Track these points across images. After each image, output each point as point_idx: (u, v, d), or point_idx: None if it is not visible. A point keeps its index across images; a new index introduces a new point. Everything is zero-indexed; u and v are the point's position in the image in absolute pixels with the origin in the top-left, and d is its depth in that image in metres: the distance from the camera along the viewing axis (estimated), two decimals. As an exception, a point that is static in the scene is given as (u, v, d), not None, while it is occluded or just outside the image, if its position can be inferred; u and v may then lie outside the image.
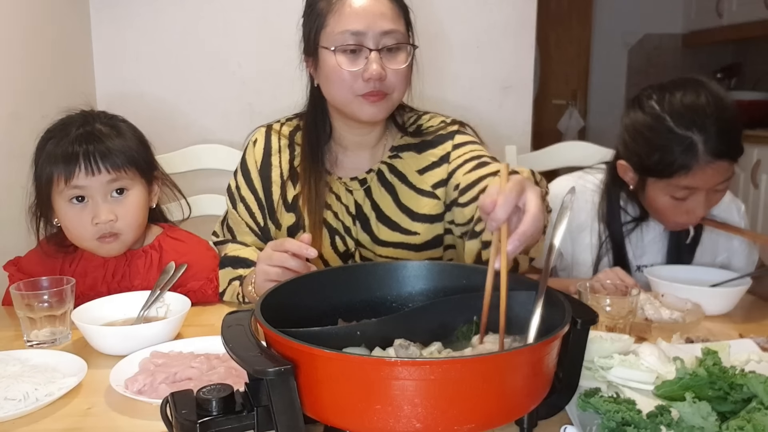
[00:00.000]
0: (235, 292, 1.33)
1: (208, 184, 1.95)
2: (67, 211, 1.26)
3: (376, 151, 1.44)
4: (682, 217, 1.35)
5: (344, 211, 1.41)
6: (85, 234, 1.26)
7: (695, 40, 4.19)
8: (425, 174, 1.41)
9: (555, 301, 0.79)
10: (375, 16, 1.25)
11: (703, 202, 1.31)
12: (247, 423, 0.68)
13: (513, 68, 2.48)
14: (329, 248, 1.40)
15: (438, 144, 1.41)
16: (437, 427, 0.64)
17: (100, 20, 2.32)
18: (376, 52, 1.26)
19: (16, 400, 0.88)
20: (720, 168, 1.27)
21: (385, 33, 1.26)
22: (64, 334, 1.13)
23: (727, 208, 1.48)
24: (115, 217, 1.26)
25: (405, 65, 1.29)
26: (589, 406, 0.79)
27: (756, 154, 3.02)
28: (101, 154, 1.24)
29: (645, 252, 1.48)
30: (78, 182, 1.23)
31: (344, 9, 1.26)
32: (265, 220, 1.43)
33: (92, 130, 1.27)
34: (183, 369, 0.94)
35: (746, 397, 0.77)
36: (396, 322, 0.86)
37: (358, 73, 1.27)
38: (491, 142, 2.43)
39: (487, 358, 0.68)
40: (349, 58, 1.27)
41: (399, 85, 1.31)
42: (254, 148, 1.45)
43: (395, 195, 1.41)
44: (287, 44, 2.48)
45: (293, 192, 1.41)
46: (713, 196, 1.33)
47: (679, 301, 1.20)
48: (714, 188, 1.31)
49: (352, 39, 1.25)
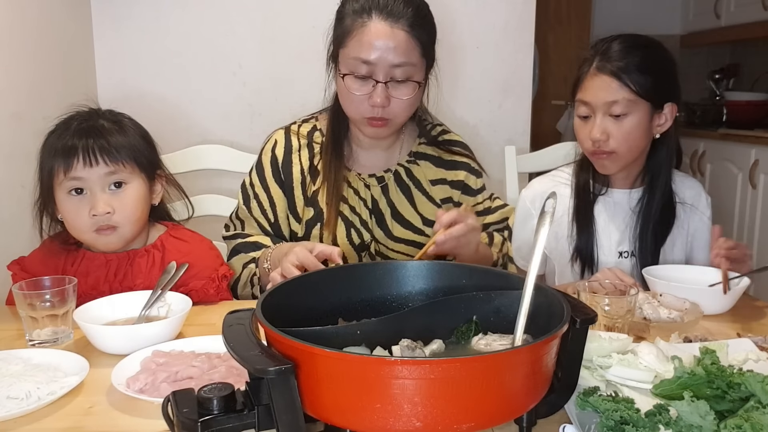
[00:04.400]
0: (250, 274, 1.41)
1: (209, 184, 1.96)
2: (67, 203, 1.28)
3: (392, 151, 1.53)
4: (588, 142, 1.43)
5: (362, 205, 1.49)
6: (83, 225, 1.28)
7: (693, 41, 4.19)
8: (437, 186, 1.52)
9: (554, 301, 0.79)
10: (388, 49, 1.31)
11: (597, 122, 1.40)
12: (248, 422, 0.69)
13: (512, 69, 2.48)
14: (345, 240, 1.48)
15: (452, 168, 1.54)
16: (437, 425, 0.65)
17: (102, 21, 2.33)
18: (382, 84, 1.33)
19: (19, 399, 0.88)
20: (605, 83, 1.38)
21: (394, 66, 1.33)
22: (66, 333, 1.13)
23: (696, 194, 1.55)
24: (112, 210, 1.27)
25: (409, 97, 1.36)
26: (587, 405, 0.79)
27: (754, 155, 3.03)
28: (100, 147, 1.26)
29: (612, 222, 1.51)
30: (76, 173, 1.25)
31: (363, 36, 1.32)
32: (276, 217, 1.51)
33: (94, 124, 1.29)
34: (184, 368, 0.94)
35: (744, 396, 0.78)
36: (396, 322, 0.86)
37: (365, 98, 1.35)
38: (491, 142, 2.46)
39: (486, 358, 0.68)
40: (359, 82, 1.35)
41: (402, 113, 1.39)
42: (274, 148, 1.52)
43: (410, 197, 1.51)
44: (288, 45, 2.49)
45: (313, 188, 1.49)
46: (610, 123, 1.40)
47: (678, 300, 1.21)
48: (608, 111, 1.39)
49: (363, 68, 1.33)
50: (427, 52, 1.37)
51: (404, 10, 1.32)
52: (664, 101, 1.42)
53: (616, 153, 1.41)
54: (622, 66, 1.37)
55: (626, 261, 1.50)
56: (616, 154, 1.42)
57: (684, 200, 1.52)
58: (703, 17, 3.97)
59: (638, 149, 1.44)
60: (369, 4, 1.33)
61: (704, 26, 3.98)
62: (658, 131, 1.44)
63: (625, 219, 1.51)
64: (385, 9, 1.32)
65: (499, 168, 1.93)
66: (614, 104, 1.38)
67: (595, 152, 1.43)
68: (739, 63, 4.08)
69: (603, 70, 1.38)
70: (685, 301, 1.20)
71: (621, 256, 1.50)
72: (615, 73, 1.37)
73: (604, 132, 1.39)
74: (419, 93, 1.39)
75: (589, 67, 1.41)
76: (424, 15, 1.36)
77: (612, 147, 1.40)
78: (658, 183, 1.48)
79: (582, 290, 1.11)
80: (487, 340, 0.86)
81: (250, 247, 1.46)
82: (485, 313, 0.90)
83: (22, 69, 1.85)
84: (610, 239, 1.51)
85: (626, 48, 1.39)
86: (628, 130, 1.39)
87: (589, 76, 1.41)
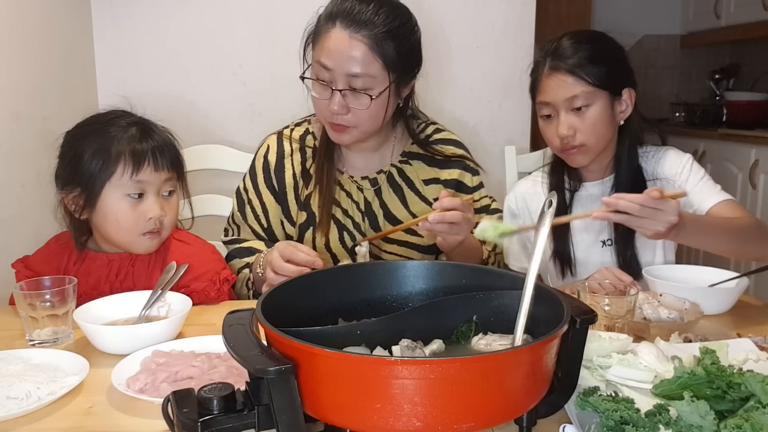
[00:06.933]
0: (245, 279, 1.42)
1: (209, 184, 1.96)
2: (122, 204, 1.28)
3: (384, 153, 1.51)
4: (556, 140, 1.45)
5: (354, 208, 1.48)
6: (135, 228, 1.29)
7: (693, 41, 4.19)
8: (429, 186, 1.51)
9: (554, 301, 0.79)
10: (345, 58, 1.29)
11: (561, 119, 1.43)
12: (248, 422, 0.69)
13: (512, 69, 2.48)
14: (337, 243, 1.47)
15: (445, 166, 1.53)
16: (437, 425, 0.65)
17: (102, 21, 2.32)
18: (338, 92, 1.31)
19: (19, 399, 0.88)
20: (559, 81, 1.41)
21: (352, 75, 1.31)
22: (66, 333, 1.14)
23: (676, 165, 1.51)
24: (165, 213, 1.31)
25: (367, 108, 1.33)
26: (587, 405, 0.79)
27: (754, 155, 3.03)
28: (165, 153, 1.30)
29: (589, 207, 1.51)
30: (143, 177, 1.27)
31: (325, 42, 1.32)
32: (269, 222, 1.51)
33: (151, 128, 1.32)
34: (184, 368, 0.94)
35: (744, 396, 0.78)
36: (396, 322, 0.87)
37: (326, 103, 1.34)
38: (491, 142, 2.46)
39: (486, 358, 0.68)
40: (320, 87, 1.34)
41: (362, 122, 1.36)
42: (266, 154, 1.52)
43: (403, 198, 1.49)
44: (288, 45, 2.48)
45: (306, 192, 1.48)
46: (573, 118, 1.42)
47: (678, 300, 1.21)
48: (570, 107, 1.42)
49: (324, 73, 1.32)
50: (392, 64, 1.32)
51: (370, 20, 1.29)
52: (621, 87, 1.45)
53: (586, 145, 1.44)
54: (574, 62, 1.41)
55: (610, 248, 1.51)
56: (585, 146, 1.44)
57: (660, 176, 1.50)
58: (703, 17, 3.97)
59: (606, 138, 1.47)
60: (337, 10, 1.31)
61: (704, 26, 3.98)
62: (621, 117, 1.48)
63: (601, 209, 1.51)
64: (349, 17, 1.29)
65: (499, 168, 1.93)
66: (574, 99, 1.41)
67: (564, 149, 1.46)
68: (739, 63, 4.08)
69: (557, 69, 1.42)
70: (685, 301, 1.20)
71: (604, 245, 1.52)
72: (569, 70, 1.41)
73: (570, 127, 1.42)
74: (379, 105, 1.34)
75: (543, 68, 1.45)
76: (394, 27, 1.31)
77: (580, 140, 1.43)
78: (623, 167, 1.50)
79: (582, 290, 1.12)
80: (487, 340, 0.86)
81: (245, 253, 1.47)
82: (485, 313, 0.90)
83: (22, 69, 1.85)
84: (591, 230, 1.52)
85: (574, 44, 1.43)
86: (593, 121, 1.43)
87: (545, 77, 1.44)
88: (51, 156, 1.35)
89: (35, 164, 1.83)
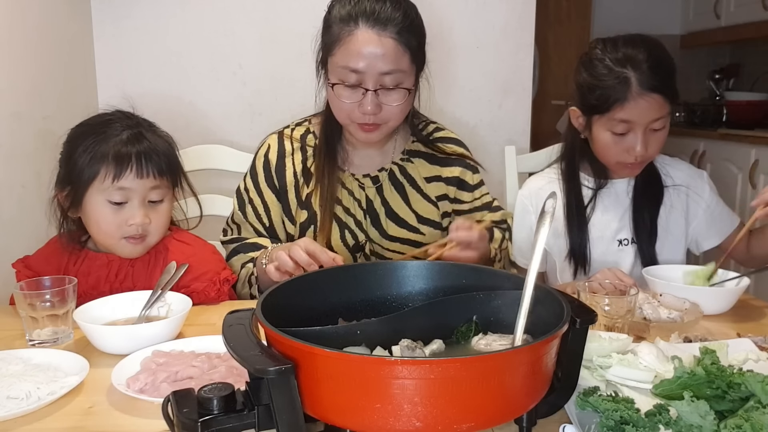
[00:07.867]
0: (249, 273, 1.42)
1: (209, 184, 1.96)
2: (103, 208, 1.26)
3: (386, 151, 1.52)
4: (622, 155, 1.42)
5: (356, 206, 1.48)
6: (117, 233, 1.28)
7: (693, 41, 4.19)
8: (431, 184, 1.52)
9: (554, 301, 0.79)
10: (377, 57, 1.30)
11: (641, 139, 1.39)
12: (248, 422, 0.69)
13: (512, 69, 2.48)
14: (339, 242, 1.48)
15: (446, 164, 1.53)
16: (437, 425, 0.65)
17: (102, 21, 2.32)
18: (372, 92, 1.31)
19: (19, 399, 0.88)
20: (652, 102, 1.36)
21: (384, 74, 1.31)
22: (66, 333, 1.13)
23: (691, 175, 1.57)
24: (149, 220, 1.28)
25: (401, 103, 1.35)
26: (587, 405, 0.79)
27: (754, 155, 3.03)
28: (151, 160, 1.26)
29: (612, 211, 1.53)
30: (125, 183, 1.25)
31: (351, 45, 1.31)
32: (271, 221, 1.51)
33: (142, 132, 1.29)
34: (184, 368, 0.94)
35: (744, 396, 0.78)
36: (396, 322, 0.86)
37: (355, 105, 1.34)
38: (491, 142, 2.46)
39: (486, 358, 0.68)
40: (348, 91, 1.33)
41: (394, 117, 1.37)
42: (267, 153, 1.52)
43: (405, 195, 1.50)
44: (288, 45, 2.49)
45: (306, 191, 1.48)
46: (650, 136, 1.40)
47: (678, 300, 1.21)
48: (650, 126, 1.39)
49: (352, 76, 1.31)
50: (416, 57, 1.35)
51: (392, 16, 1.30)
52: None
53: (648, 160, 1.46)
54: (663, 80, 1.37)
55: (626, 248, 1.52)
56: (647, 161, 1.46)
57: (677, 183, 1.54)
58: (703, 17, 3.97)
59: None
60: (356, 12, 1.30)
61: (704, 26, 3.98)
62: None
63: (624, 207, 1.53)
64: (372, 16, 1.29)
65: (499, 168, 1.93)
66: (660, 119, 1.39)
67: (632, 164, 1.44)
68: (739, 63, 4.09)
69: (653, 90, 1.36)
70: (685, 301, 1.20)
71: (621, 244, 1.52)
72: (661, 90, 1.37)
73: (648, 146, 1.41)
74: (410, 98, 1.38)
75: (628, 85, 1.36)
76: (412, 19, 1.34)
77: (649, 156, 1.44)
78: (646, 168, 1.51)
79: (582, 290, 1.12)
80: (487, 340, 0.86)
81: (250, 248, 1.47)
82: (485, 313, 0.90)
83: (22, 69, 1.85)
84: (610, 229, 1.52)
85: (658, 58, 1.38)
86: (663, 139, 1.43)
87: (636, 95, 1.36)
88: (51, 156, 1.35)
89: (35, 164, 1.83)
